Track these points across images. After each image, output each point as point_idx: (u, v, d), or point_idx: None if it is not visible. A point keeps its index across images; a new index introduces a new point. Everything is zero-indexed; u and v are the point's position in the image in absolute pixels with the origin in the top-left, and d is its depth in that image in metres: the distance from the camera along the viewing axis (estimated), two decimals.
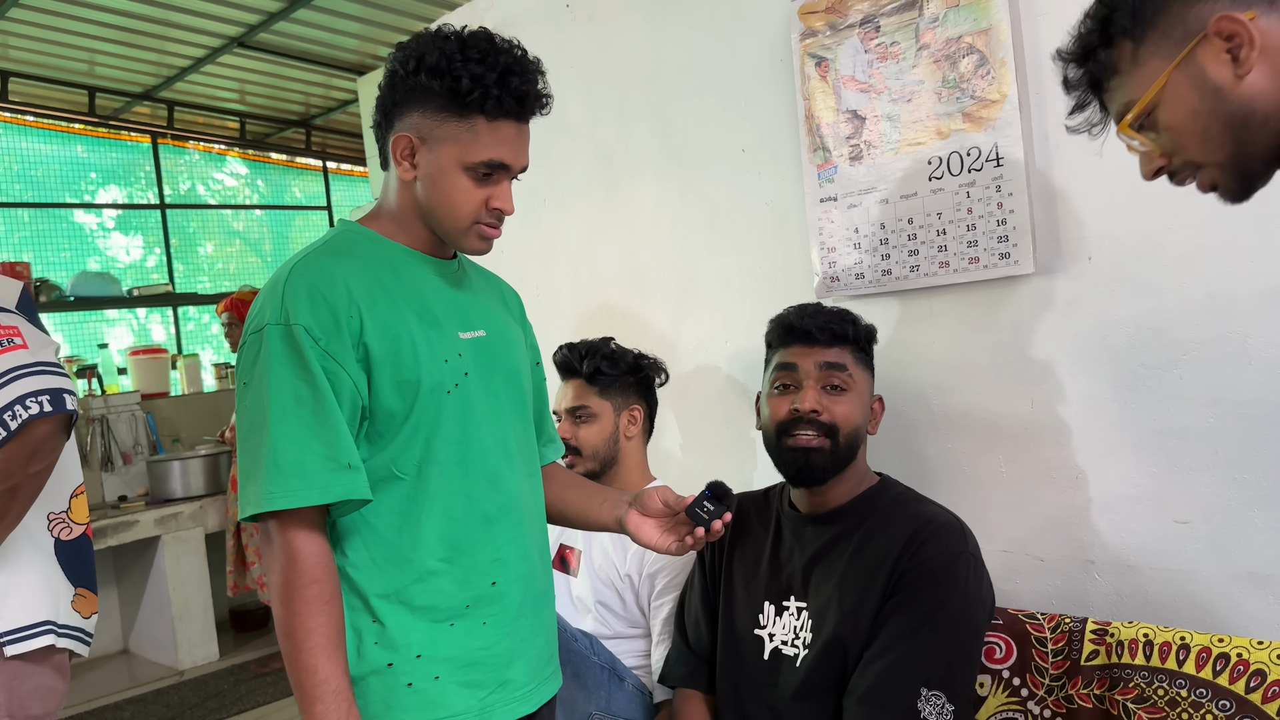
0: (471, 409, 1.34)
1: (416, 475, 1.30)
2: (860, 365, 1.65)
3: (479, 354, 1.38)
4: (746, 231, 2.21)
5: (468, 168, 1.29)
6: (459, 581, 1.32)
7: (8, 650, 1.67)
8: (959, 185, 1.84)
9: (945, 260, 1.87)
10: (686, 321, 2.34)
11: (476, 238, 1.35)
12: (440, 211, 1.33)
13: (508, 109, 1.28)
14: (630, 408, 2.10)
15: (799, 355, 1.64)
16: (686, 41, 2.29)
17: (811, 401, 1.59)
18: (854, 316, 1.67)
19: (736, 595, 1.66)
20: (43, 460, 1.66)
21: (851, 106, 1.98)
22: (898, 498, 1.63)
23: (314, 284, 1.25)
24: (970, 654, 1.49)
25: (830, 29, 1.99)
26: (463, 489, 1.33)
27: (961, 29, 1.81)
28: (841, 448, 1.59)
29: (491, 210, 1.33)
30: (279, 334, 1.23)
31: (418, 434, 1.29)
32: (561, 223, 2.65)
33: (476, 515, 1.34)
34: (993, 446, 1.84)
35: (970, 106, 1.81)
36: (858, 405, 1.62)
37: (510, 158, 1.31)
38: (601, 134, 2.51)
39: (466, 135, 1.29)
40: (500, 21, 2.68)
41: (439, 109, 1.29)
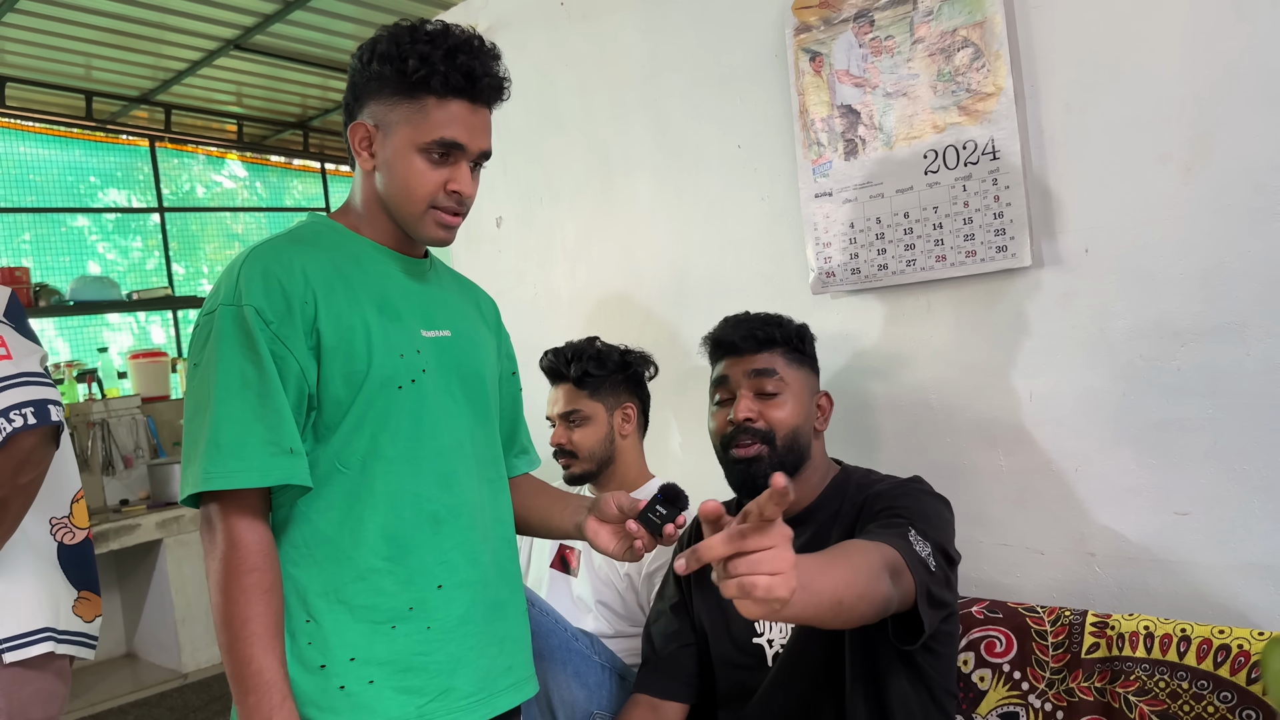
0: (426, 407, 1.31)
1: (360, 470, 1.27)
2: (794, 366, 1.64)
3: (441, 353, 1.35)
4: (743, 228, 2.21)
5: (421, 149, 1.28)
6: (402, 582, 1.28)
7: (6, 657, 1.67)
8: (955, 179, 1.84)
9: (942, 254, 1.87)
10: (685, 319, 2.34)
11: (434, 224, 1.32)
12: (397, 197, 1.31)
13: (455, 85, 1.27)
14: (623, 406, 2.10)
15: (729, 367, 1.66)
16: (681, 38, 2.29)
17: (744, 410, 1.59)
18: (780, 319, 1.67)
19: (727, 605, 1.63)
20: (31, 471, 1.65)
21: (846, 101, 1.98)
22: (860, 480, 1.63)
23: (269, 268, 1.24)
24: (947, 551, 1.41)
25: (824, 24, 1.99)
26: (412, 487, 1.30)
27: (956, 22, 1.80)
28: (781, 451, 1.58)
29: (449, 194, 1.30)
30: (230, 315, 1.22)
31: (363, 427, 1.27)
32: (558, 221, 2.65)
33: (424, 515, 1.30)
34: (991, 440, 1.84)
35: (966, 100, 1.80)
36: (794, 407, 1.61)
37: (464, 137, 1.29)
38: (597, 132, 2.51)
39: (418, 116, 1.28)
40: (495, 20, 2.68)
41: (391, 94, 1.29)
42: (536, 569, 2.19)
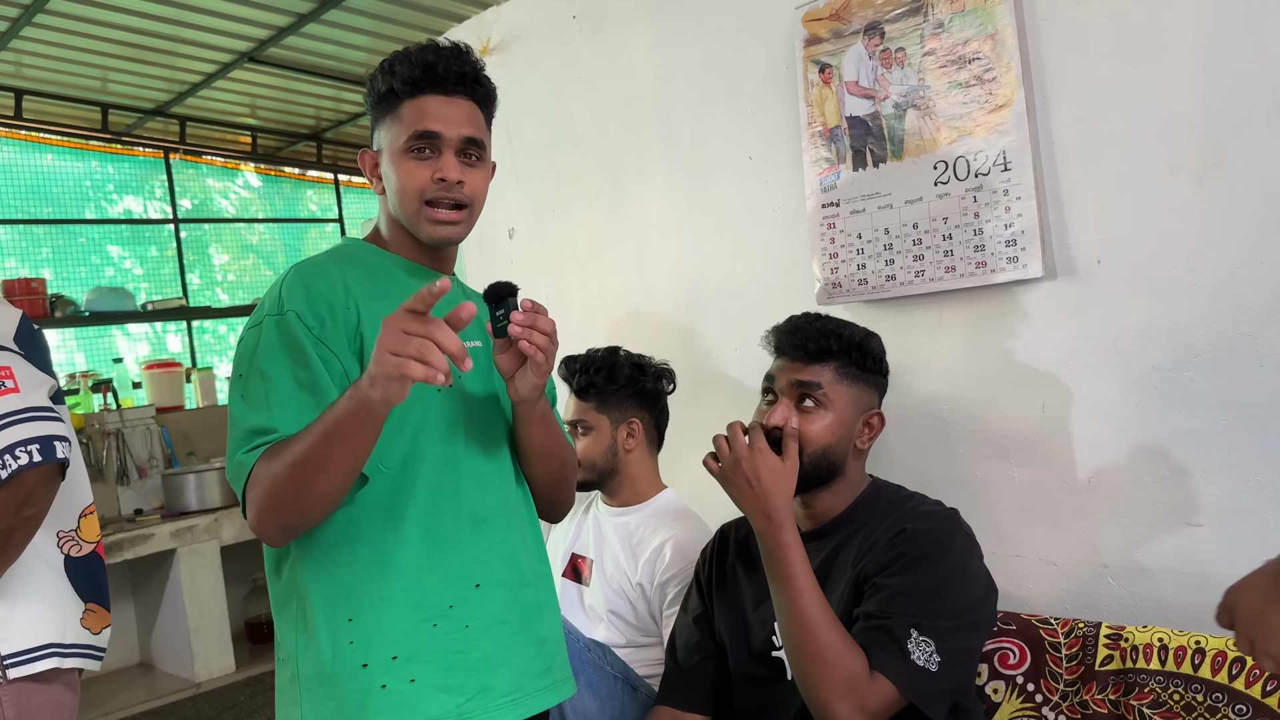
0: (461, 412, 1.36)
1: (402, 470, 1.30)
2: (845, 382, 1.59)
3: (475, 361, 1.38)
4: (754, 239, 2.21)
5: (403, 150, 1.33)
6: (443, 580, 1.30)
7: (11, 673, 1.68)
8: (965, 190, 1.84)
9: (951, 265, 1.87)
10: (696, 329, 2.35)
11: (429, 221, 1.35)
12: (397, 205, 1.36)
13: (417, 79, 1.32)
14: (628, 421, 2.08)
15: (779, 369, 1.64)
16: (692, 50, 2.30)
17: (776, 417, 1.57)
18: (842, 331, 1.60)
19: (748, 617, 1.63)
20: (35, 505, 1.65)
21: (855, 112, 1.98)
22: (891, 497, 1.61)
23: (310, 279, 1.29)
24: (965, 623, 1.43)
25: (834, 36, 2.00)
26: (451, 486, 1.33)
27: (967, 34, 1.80)
28: (806, 464, 1.55)
29: (437, 183, 1.33)
30: (274, 324, 1.27)
31: (404, 428, 1.29)
32: (570, 232, 2.66)
33: (464, 515, 1.34)
34: (1004, 451, 1.84)
35: (976, 111, 1.80)
36: (833, 425, 1.57)
37: (437, 125, 1.32)
38: (609, 143, 2.52)
39: (396, 123, 1.35)
40: (508, 34, 2.70)
41: (380, 116, 1.38)
42: None
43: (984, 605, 1.46)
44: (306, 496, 1.19)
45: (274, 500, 1.20)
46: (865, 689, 1.36)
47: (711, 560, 1.73)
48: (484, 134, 1.41)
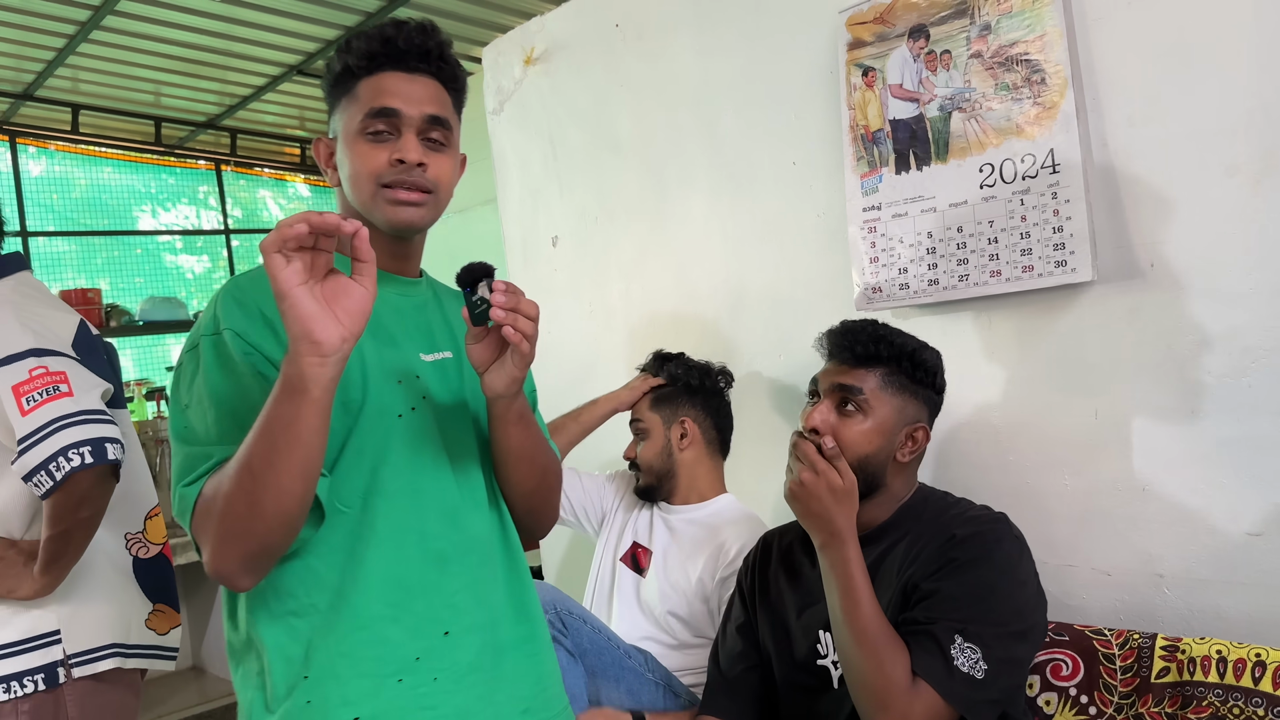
0: (428, 436, 1.22)
1: (362, 508, 1.17)
2: (891, 391, 1.55)
3: (444, 376, 1.27)
4: (799, 245, 2.20)
5: (358, 131, 1.20)
6: (408, 630, 1.17)
7: (75, 672, 1.71)
8: (1012, 193, 1.81)
9: (997, 269, 1.84)
10: (740, 336, 2.33)
11: (386, 204, 1.20)
12: (353, 192, 1.23)
13: (374, 54, 1.21)
14: (680, 420, 2.09)
15: (825, 370, 1.62)
16: (735, 57, 2.29)
17: (814, 419, 1.54)
18: (894, 339, 1.57)
19: (791, 626, 1.62)
20: (91, 507, 1.67)
21: (898, 115, 1.96)
22: (938, 504, 1.58)
23: (246, 293, 1.17)
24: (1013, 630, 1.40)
25: (878, 39, 1.98)
26: (416, 524, 1.19)
27: (1015, 36, 1.78)
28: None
29: (394, 164, 1.19)
30: (210, 345, 1.14)
31: (362, 459, 1.17)
32: (613, 239, 2.66)
33: (430, 554, 1.19)
34: (1055, 459, 1.80)
35: (1024, 113, 1.78)
36: (871, 433, 1.53)
37: (397, 102, 1.20)
38: (652, 151, 2.52)
39: (352, 104, 1.22)
40: (551, 43, 2.71)
41: (335, 100, 1.26)
42: (606, 561, 2.19)
43: (1034, 613, 1.44)
44: (260, 510, 1.03)
45: (226, 525, 1.05)
46: (907, 696, 1.34)
47: (754, 569, 1.72)
48: (450, 115, 1.26)
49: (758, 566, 1.72)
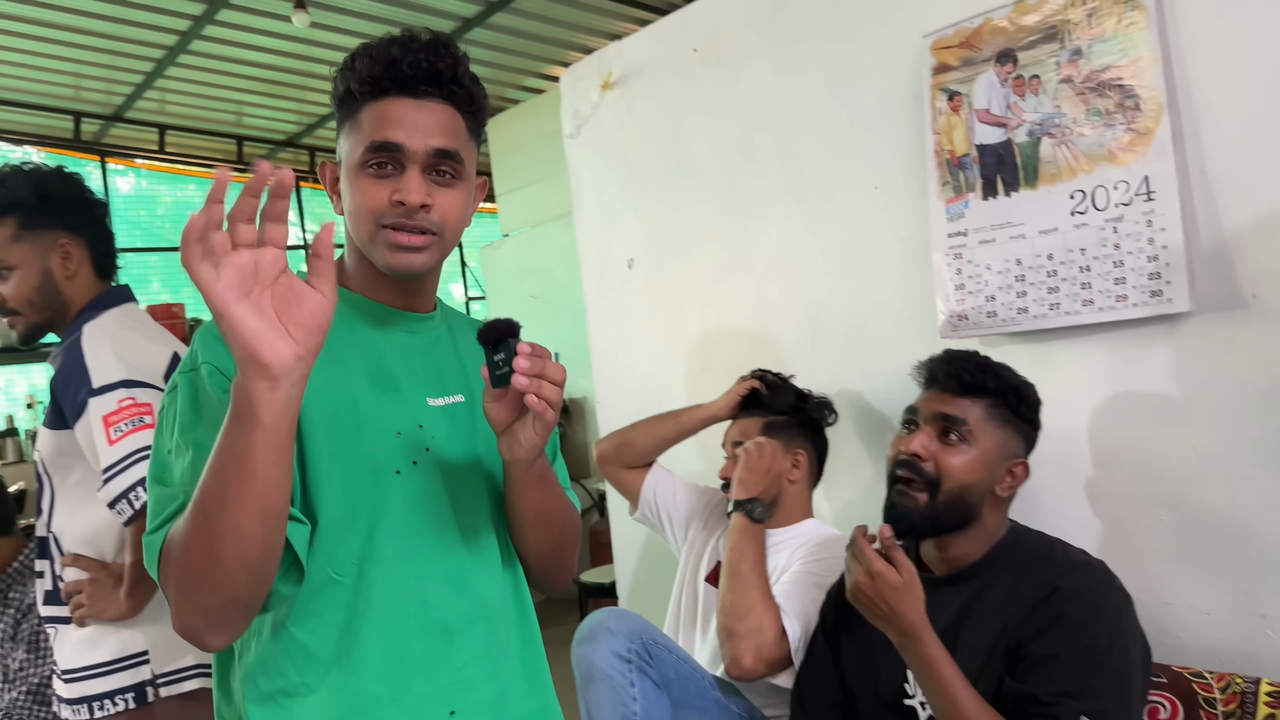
0: (431, 494, 1.11)
1: (357, 576, 1.06)
2: (994, 424, 1.54)
3: (453, 423, 1.16)
4: (880, 269, 2.18)
5: (360, 164, 1.09)
6: (410, 711, 1.07)
7: (163, 691, 1.77)
8: (1105, 220, 1.77)
9: (1089, 298, 1.80)
10: (818, 361, 2.31)
11: (385, 247, 1.09)
12: (352, 227, 1.12)
13: (377, 78, 1.08)
14: (794, 452, 2.06)
15: (926, 399, 1.60)
16: (814, 80, 2.28)
17: (916, 444, 1.52)
18: (1000, 370, 1.56)
19: (878, 665, 1.60)
20: None
21: (985, 140, 1.93)
22: (1032, 544, 1.55)
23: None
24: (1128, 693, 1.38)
25: (964, 63, 1.95)
26: (416, 593, 1.09)
27: (1107, 60, 1.74)
28: (941, 504, 1.51)
29: (394, 205, 1.07)
30: (187, 382, 1.03)
31: (356, 521, 1.06)
32: (689, 262, 2.66)
33: (433, 626, 1.09)
34: (1151, 493, 1.75)
35: (1117, 139, 1.74)
36: (974, 464, 1.51)
37: (399, 135, 1.07)
38: (728, 174, 2.52)
39: (355, 131, 1.10)
40: (628, 68, 2.72)
41: (341, 123, 1.14)
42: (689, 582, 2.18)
43: (1144, 668, 1.41)
44: (217, 556, 0.90)
45: (184, 574, 0.93)
46: None
47: (839, 604, 1.70)
48: (462, 144, 1.12)
49: (842, 602, 1.70)
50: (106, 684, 1.75)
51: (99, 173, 5.97)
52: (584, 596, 4.25)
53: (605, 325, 2.94)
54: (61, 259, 1.80)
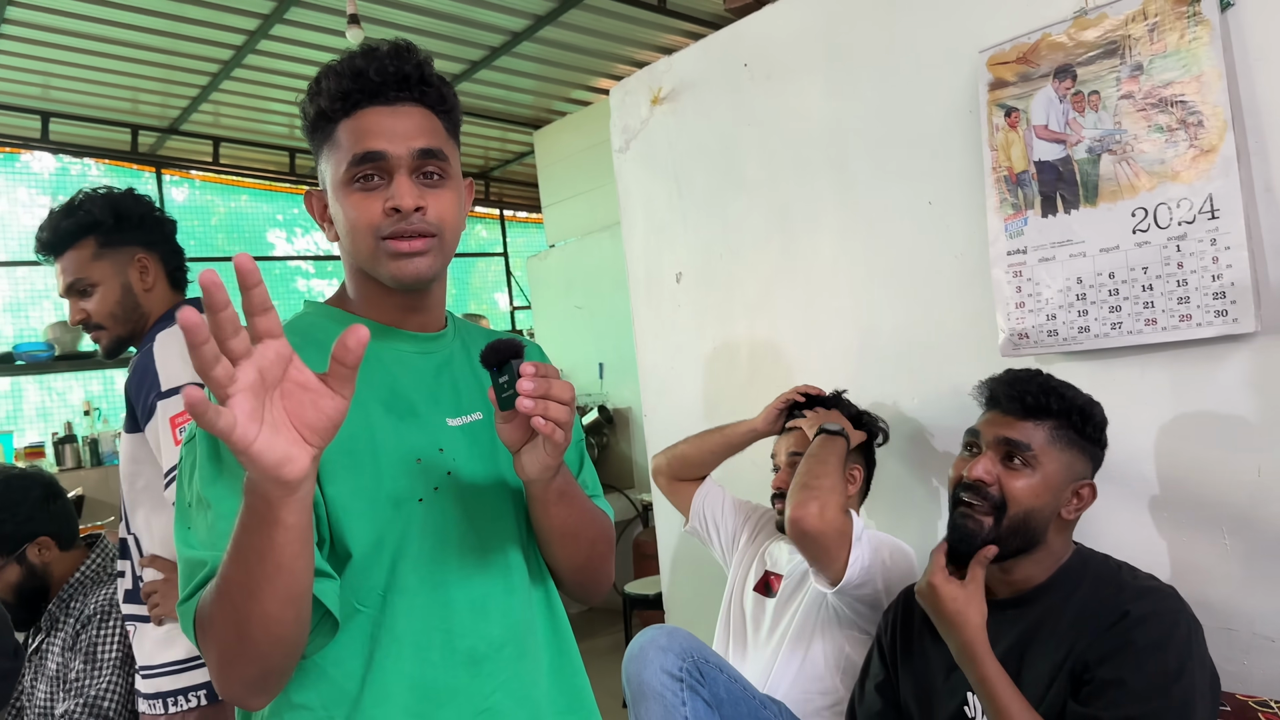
0: (453, 520, 1.09)
1: (380, 607, 1.04)
2: (1059, 446, 1.51)
3: (473, 442, 1.13)
4: (934, 286, 2.16)
5: (346, 182, 1.07)
6: None
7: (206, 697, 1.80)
8: (1167, 238, 1.74)
9: (1152, 318, 1.77)
10: (868, 377, 2.30)
11: (387, 257, 1.07)
12: (351, 247, 1.09)
13: (346, 92, 1.06)
14: (850, 467, 2.05)
15: (988, 422, 1.57)
16: (867, 96, 2.27)
17: (979, 470, 1.50)
18: (1065, 391, 1.54)
19: (936, 687, 1.58)
20: None
21: (1044, 157, 1.91)
22: (1099, 568, 1.53)
23: None
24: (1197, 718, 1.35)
25: (1021, 79, 1.93)
26: (441, 622, 1.06)
27: (1169, 76, 1.72)
28: (1006, 529, 1.49)
29: (389, 213, 1.05)
30: (206, 435, 0.99)
31: (381, 552, 1.04)
32: (738, 277, 2.66)
33: (459, 655, 1.07)
34: (1214, 516, 1.72)
35: (1179, 156, 1.71)
36: (1039, 487, 1.49)
37: (380, 143, 1.05)
38: (779, 189, 2.51)
39: (335, 150, 1.08)
40: (679, 83, 2.73)
41: (318, 148, 1.12)
42: (738, 596, 2.18)
43: (1211, 698, 1.38)
44: (250, 639, 0.90)
45: (220, 652, 0.92)
46: None
47: (895, 624, 1.69)
48: (444, 143, 1.11)
49: (899, 622, 1.68)
50: (181, 680, 1.79)
51: (155, 184, 6.09)
52: (628, 608, 4.24)
53: (653, 338, 2.94)
54: (139, 273, 1.91)
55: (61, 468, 4.98)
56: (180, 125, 5.76)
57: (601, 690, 1.27)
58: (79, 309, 1.91)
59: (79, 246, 1.89)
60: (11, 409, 5.54)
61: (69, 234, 1.89)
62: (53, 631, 2.13)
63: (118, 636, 2.05)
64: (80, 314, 1.91)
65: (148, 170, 6.08)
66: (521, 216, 7.66)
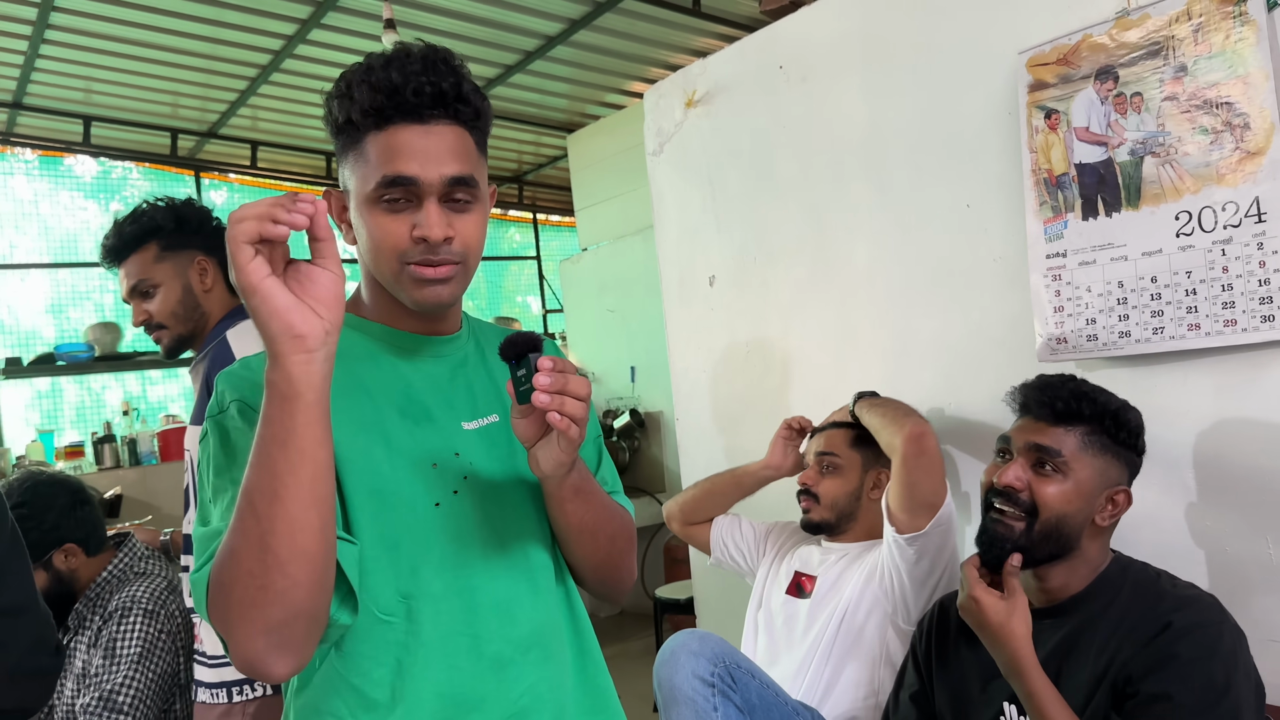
0: (473, 523, 1.09)
1: (406, 615, 1.04)
2: (1092, 452, 1.48)
3: (490, 445, 1.13)
4: (972, 290, 2.13)
5: (372, 199, 1.04)
6: None
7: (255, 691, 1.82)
8: (1212, 242, 1.71)
9: (1195, 323, 1.74)
10: (903, 383, 2.28)
11: (411, 283, 1.06)
12: (371, 263, 1.09)
13: (380, 106, 1.03)
14: (879, 470, 2.06)
15: (1019, 428, 1.55)
16: (904, 98, 2.25)
17: (1009, 476, 1.48)
18: (1097, 396, 1.51)
19: (972, 697, 1.56)
20: None
21: (1084, 159, 1.88)
22: (1138, 576, 1.50)
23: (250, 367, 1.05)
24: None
25: (1061, 80, 1.91)
26: (466, 627, 1.06)
27: (1214, 77, 1.69)
28: (1038, 534, 1.46)
29: (416, 242, 1.04)
30: (214, 426, 1.02)
31: (399, 559, 1.04)
32: (771, 280, 2.65)
33: (486, 660, 1.06)
34: (1258, 526, 1.68)
35: (1225, 159, 1.68)
36: (1071, 493, 1.46)
37: (412, 168, 1.03)
38: (814, 192, 2.50)
39: (362, 163, 1.05)
40: (713, 86, 2.72)
41: (342, 151, 1.08)
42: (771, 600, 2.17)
43: (1257, 711, 1.35)
44: (275, 556, 0.87)
45: (240, 592, 0.89)
46: None
47: (930, 634, 1.67)
48: (474, 165, 1.08)
49: (934, 631, 1.66)
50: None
51: (194, 187, 6.16)
52: (658, 612, 4.23)
53: (685, 342, 2.93)
54: (199, 274, 2.01)
55: (101, 467, 5.05)
56: (219, 129, 5.82)
57: (632, 694, 1.27)
58: (141, 310, 2.01)
59: (142, 250, 1.99)
60: (51, 408, 5.63)
61: (133, 239, 1.99)
62: (80, 630, 2.16)
63: (137, 632, 2.07)
64: (143, 315, 2.01)
65: (187, 174, 6.15)
66: (554, 220, 7.69)
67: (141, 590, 2.14)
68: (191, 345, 2.05)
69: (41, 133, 5.62)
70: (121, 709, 1.98)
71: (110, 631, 2.07)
